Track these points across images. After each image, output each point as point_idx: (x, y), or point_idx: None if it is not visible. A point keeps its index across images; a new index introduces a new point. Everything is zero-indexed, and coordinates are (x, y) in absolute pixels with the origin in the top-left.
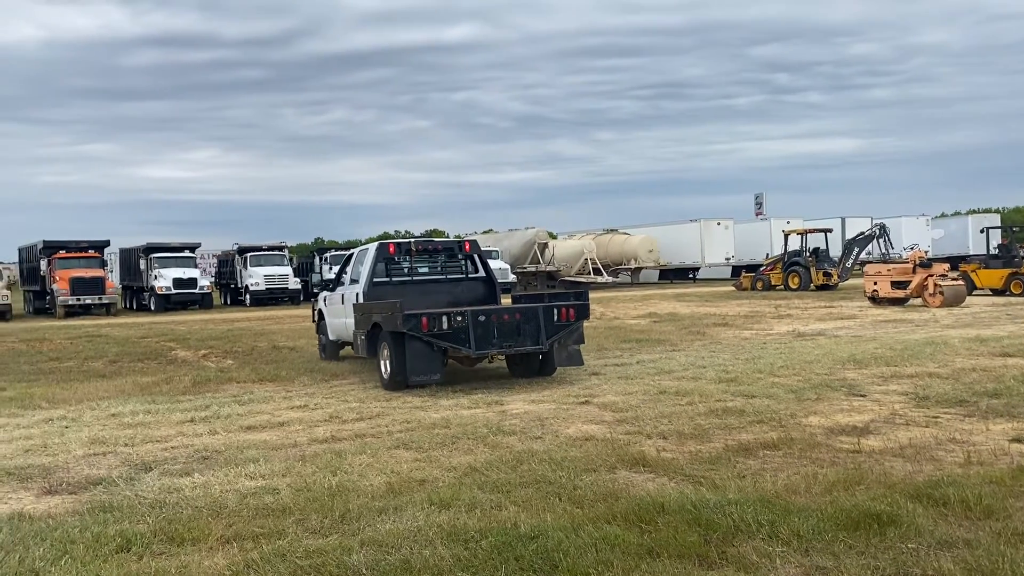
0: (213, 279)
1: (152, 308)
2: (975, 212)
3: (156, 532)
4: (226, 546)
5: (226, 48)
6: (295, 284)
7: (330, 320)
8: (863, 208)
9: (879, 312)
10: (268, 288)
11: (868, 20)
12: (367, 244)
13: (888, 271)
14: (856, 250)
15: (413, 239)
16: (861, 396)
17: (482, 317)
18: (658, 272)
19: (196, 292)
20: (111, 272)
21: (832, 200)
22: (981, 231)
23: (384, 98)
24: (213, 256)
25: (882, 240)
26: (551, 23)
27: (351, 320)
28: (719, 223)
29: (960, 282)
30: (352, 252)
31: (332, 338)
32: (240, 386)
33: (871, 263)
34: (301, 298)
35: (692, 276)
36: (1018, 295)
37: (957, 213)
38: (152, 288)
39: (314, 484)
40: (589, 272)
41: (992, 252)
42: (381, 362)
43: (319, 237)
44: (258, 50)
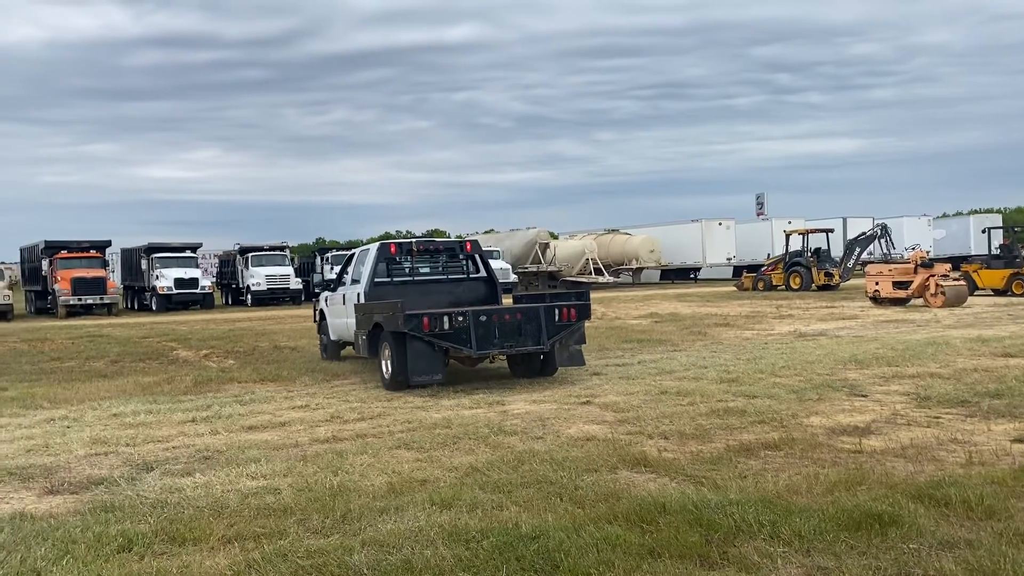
0: (214, 279)
1: (153, 308)
2: (977, 212)
3: (158, 532)
4: (227, 546)
5: (227, 48)
6: (296, 284)
7: (331, 320)
8: (865, 208)
9: (880, 312)
10: (269, 288)
11: (870, 20)
12: (368, 244)
13: (890, 271)
14: (858, 250)
15: (414, 239)
16: (863, 396)
17: (483, 317)
18: (659, 272)
19: (197, 292)
20: (112, 272)
21: (833, 200)
22: (983, 231)
23: (385, 98)
24: (214, 256)
25: (883, 240)
26: (552, 23)
27: (352, 320)
28: (720, 223)
29: (962, 282)
30: (353, 252)
31: (333, 338)
32: (241, 386)
33: (872, 263)
34: (302, 298)
35: (693, 276)
36: (1020, 295)
37: (959, 213)
38: (153, 288)
39: (315, 484)
40: (590, 272)
41: (994, 252)
42: (382, 362)
43: (320, 237)
44: (259, 50)
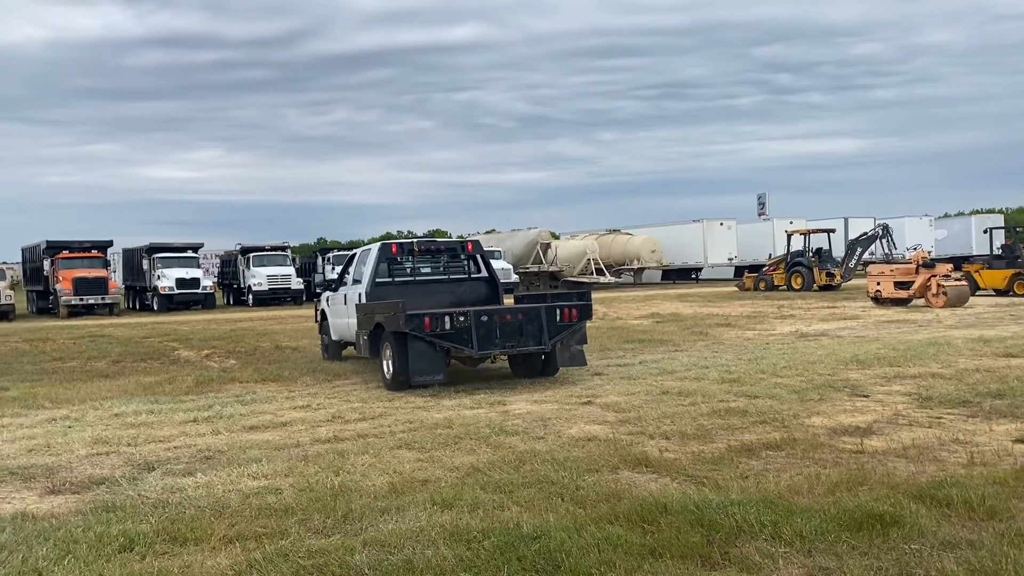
0: (216, 279)
1: (155, 308)
2: (978, 212)
3: (159, 532)
4: (229, 546)
5: (230, 48)
6: (298, 284)
7: (333, 320)
8: (866, 208)
9: (882, 312)
10: (271, 288)
11: (871, 20)
12: (370, 244)
13: (891, 271)
14: (859, 250)
15: (416, 239)
16: (864, 397)
17: (485, 317)
18: (661, 272)
19: (199, 292)
20: (114, 272)
21: (835, 200)
22: (984, 231)
23: (387, 98)
24: (216, 256)
25: (885, 240)
26: (554, 23)
27: (354, 320)
28: (722, 223)
29: (963, 282)
30: (355, 252)
31: (335, 338)
32: (243, 386)
33: (874, 263)
34: (304, 298)
35: (695, 276)
36: (1021, 295)
37: (960, 213)
38: (155, 288)
39: (317, 484)
40: (592, 272)
41: (995, 253)
42: (384, 362)
43: (322, 237)
44: (262, 50)
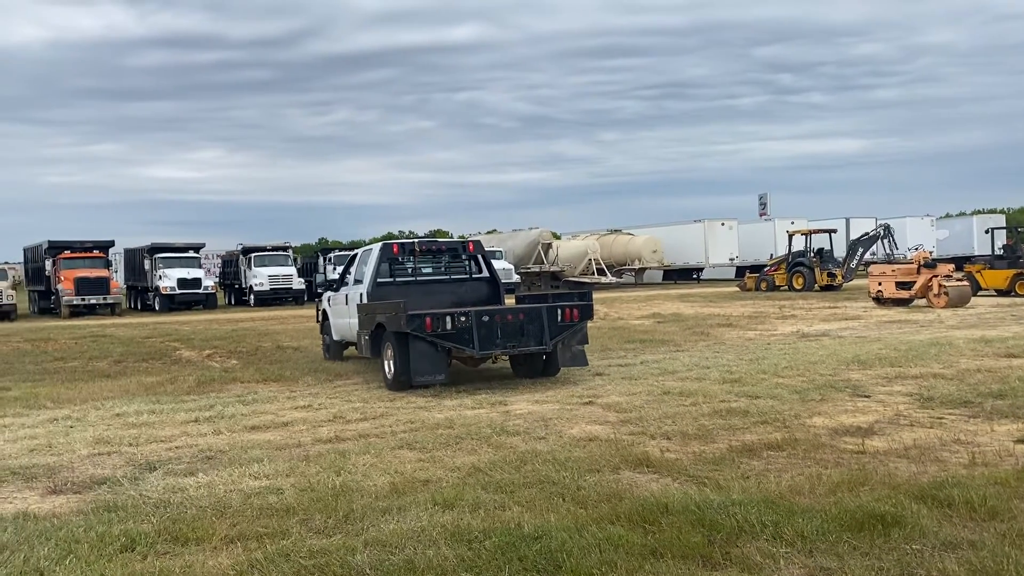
0: (217, 279)
1: (156, 308)
2: (980, 213)
3: (160, 532)
4: (230, 546)
5: (231, 49)
6: (299, 284)
7: (334, 320)
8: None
9: (883, 313)
10: (272, 288)
11: (873, 20)
12: (371, 244)
13: (892, 272)
14: (860, 250)
15: (417, 239)
16: (865, 397)
17: (486, 317)
18: (662, 272)
19: (200, 292)
20: (116, 272)
21: (836, 200)
22: (986, 232)
23: (388, 98)
24: (217, 256)
25: (886, 240)
26: (555, 23)
27: (355, 320)
28: (723, 223)
29: (965, 283)
30: (356, 252)
31: (336, 338)
32: (244, 386)
33: (875, 263)
34: (305, 298)
35: (696, 277)
36: (1023, 296)
37: (962, 214)
38: (156, 288)
39: (318, 484)
40: (593, 272)
41: (997, 253)
42: (385, 362)
43: (323, 237)
44: (263, 51)
